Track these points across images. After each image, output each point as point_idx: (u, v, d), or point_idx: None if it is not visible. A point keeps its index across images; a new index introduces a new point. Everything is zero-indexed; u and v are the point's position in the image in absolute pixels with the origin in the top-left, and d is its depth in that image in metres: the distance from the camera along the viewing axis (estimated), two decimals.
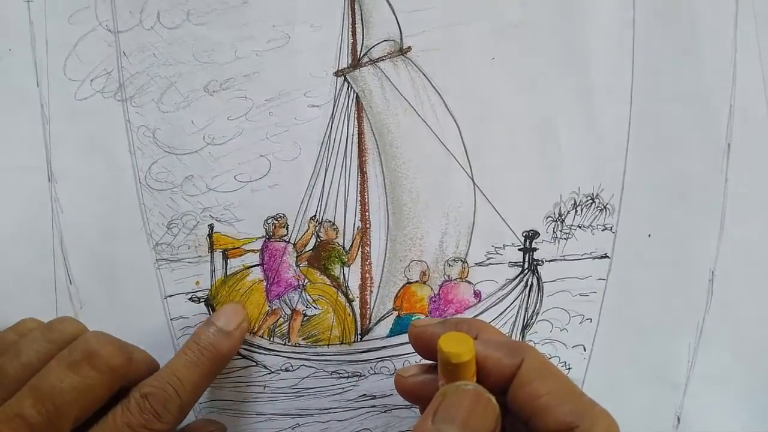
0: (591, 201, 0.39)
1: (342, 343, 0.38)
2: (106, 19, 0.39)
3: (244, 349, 0.38)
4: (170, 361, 0.36)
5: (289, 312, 0.38)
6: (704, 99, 0.38)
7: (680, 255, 0.38)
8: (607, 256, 0.38)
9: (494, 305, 0.38)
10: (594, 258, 0.39)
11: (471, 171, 0.39)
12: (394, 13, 0.39)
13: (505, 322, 0.38)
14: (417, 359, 0.37)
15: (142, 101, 0.39)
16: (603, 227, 0.38)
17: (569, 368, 0.38)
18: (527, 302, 0.38)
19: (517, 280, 0.38)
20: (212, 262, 0.39)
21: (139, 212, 0.39)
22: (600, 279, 0.38)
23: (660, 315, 0.38)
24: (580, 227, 0.39)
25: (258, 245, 0.39)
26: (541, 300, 0.39)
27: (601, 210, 0.39)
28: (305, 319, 0.38)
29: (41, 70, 0.40)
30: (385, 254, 0.39)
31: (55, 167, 0.39)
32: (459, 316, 0.38)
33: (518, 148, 0.39)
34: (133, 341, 0.35)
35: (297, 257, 0.38)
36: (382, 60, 0.39)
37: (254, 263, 0.39)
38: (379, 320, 0.38)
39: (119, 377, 0.32)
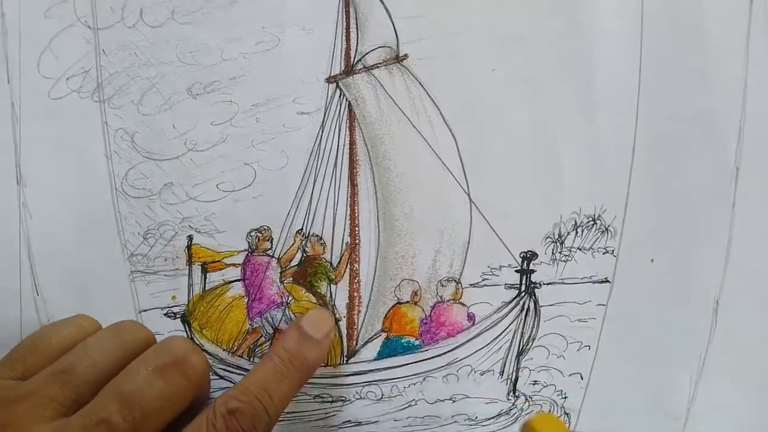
0: (592, 222, 0.38)
1: (326, 366, 0.36)
2: (84, 15, 0.38)
3: (221, 369, 0.36)
4: (256, 370, 0.33)
5: (271, 331, 0.36)
6: (713, 120, 0.37)
7: (684, 282, 0.37)
8: (608, 281, 0.37)
9: (488, 329, 0.37)
10: (594, 282, 0.38)
11: (468, 187, 0.37)
12: (390, 18, 0.37)
13: (500, 348, 0.36)
14: (405, 384, 0.36)
15: (120, 102, 0.38)
16: (604, 250, 0.38)
17: (565, 397, 0.36)
18: (523, 327, 0.37)
19: (513, 303, 0.37)
20: (190, 275, 0.38)
21: (113, 220, 0.38)
22: (600, 304, 0.37)
23: (661, 344, 0.37)
24: (580, 249, 0.38)
25: (240, 259, 0.38)
26: (538, 325, 0.37)
27: (602, 232, 0.38)
28: None
29: (13, 66, 0.38)
30: (375, 272, 0.38)
31: (25, 170, 0.38)
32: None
33: (518, 164, 0.37)
34: None
35: (281, 273, 0.37)
36: (377, 67, 0.38)
37: (235, 278, 0.38)
38: (367, 342, 0.37)
39: (203, 387, 0.31)
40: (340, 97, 0.38)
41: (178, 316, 0.36)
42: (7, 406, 0.30)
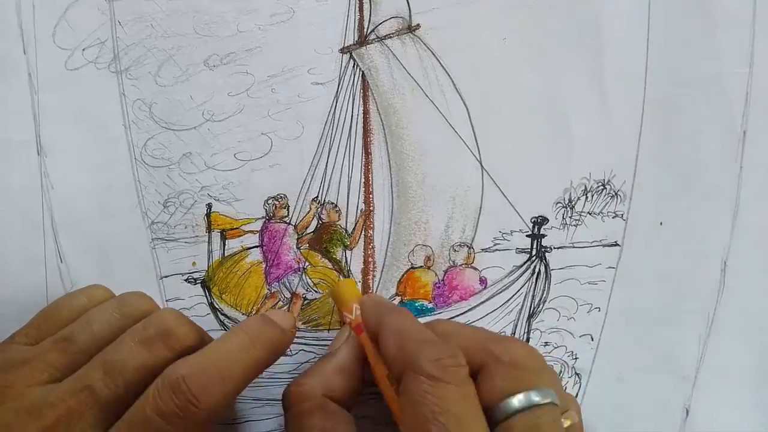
0: (602, 187, 0.39)
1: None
2: None
3: None
4: (216, 341, 0.33)
5: (288, 295, 0.37)
6: (720, 85, 0.38)
7: (692, 244, 0.39)
8: (618, 244, 0.39)
9: (500, 292, 0.38)
10: (604, 246, 0.39)
11: (479, 154, 0.39)
12: None
13: (511, 310, 0.38)
14: None
15: (138, 74, 0.39)
16: (614, 214, 0.39)
17: (576, 358, 0.38)
18: (534, 290, 0.39)
19: (525, 266, 0.38)
20: (210, 242, 0.39)
21: (134, 189, 0.39)
22: (609, 267, 0.39)
23: (670, 305, 0.38)
24: (590, 214, 0.39)
25: (257, 226, 0.39)
26: (549, 288, 0.39)
27: (612, 197, 0.39)
28: (305, 303, 0.38)
29: (28, 37, 0.39)
30: (389, 238, 0.39)
31: (45, 140, 0.39)
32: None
33: (528, 131, 0.39)
34: None
35: (298, 239, 0.38)
36: (390, 37, 0.39)
37: (253, 245, 0.39)
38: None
39: None
40: (353, 67, 0.39)
41: (198, 281, 0.38)
42: (10, 369, 0.32)
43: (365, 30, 0.39)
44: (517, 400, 0.29)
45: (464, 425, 0.28)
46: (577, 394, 0.38)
